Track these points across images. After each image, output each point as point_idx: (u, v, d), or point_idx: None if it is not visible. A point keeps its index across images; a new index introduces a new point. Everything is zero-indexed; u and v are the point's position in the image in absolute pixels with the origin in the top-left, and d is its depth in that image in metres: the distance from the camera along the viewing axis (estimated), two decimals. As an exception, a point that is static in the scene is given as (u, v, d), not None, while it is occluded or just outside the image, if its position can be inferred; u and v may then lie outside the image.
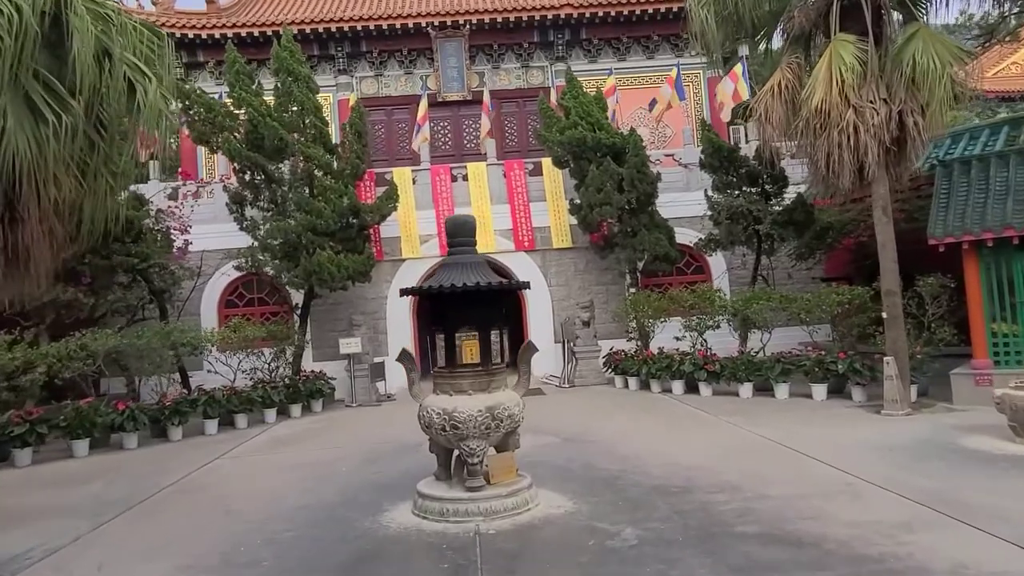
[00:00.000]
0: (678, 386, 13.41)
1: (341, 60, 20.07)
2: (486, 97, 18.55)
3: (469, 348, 6.44)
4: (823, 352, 12.08)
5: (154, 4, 19.24)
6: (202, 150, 18.87)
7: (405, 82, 20.56)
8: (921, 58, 9.88)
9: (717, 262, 17.50)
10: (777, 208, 13.88)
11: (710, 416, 10.91)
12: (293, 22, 18.42)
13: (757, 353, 12.88)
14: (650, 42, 20.61)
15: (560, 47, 20.35)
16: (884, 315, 10.66)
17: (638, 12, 19.56)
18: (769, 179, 14.01)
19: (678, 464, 7.83)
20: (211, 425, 12.58)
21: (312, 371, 15.32)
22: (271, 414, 13.53)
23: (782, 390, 12.19)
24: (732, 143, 16.61)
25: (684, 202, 17.27)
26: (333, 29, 18.99)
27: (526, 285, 6.75)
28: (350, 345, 15.32)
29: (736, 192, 14.08)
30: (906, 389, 10.35)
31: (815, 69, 10.65)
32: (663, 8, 19.43)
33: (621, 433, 9.94)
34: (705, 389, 13.03)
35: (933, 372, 11.33)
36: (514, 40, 20.29)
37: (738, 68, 18.13)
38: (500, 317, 6.71)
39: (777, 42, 13.29)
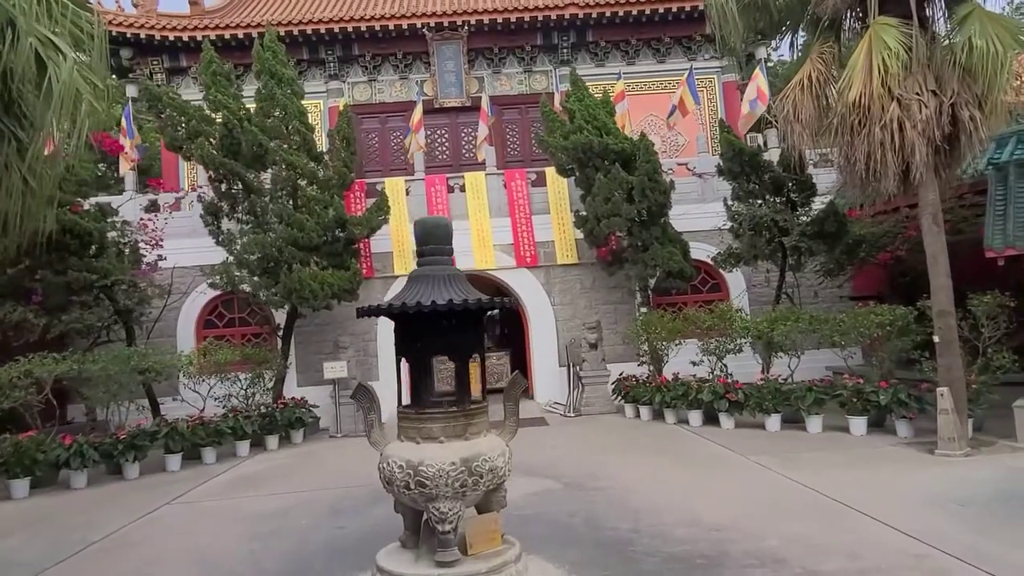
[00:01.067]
0: (695, 417, 12.00)
1: (332, 65, 18.91)
2: (484, 102, 17.33)
3: (441, 381, 5.09)
4: (861, 380, 10.65)
5: (135, 6, 18.19)
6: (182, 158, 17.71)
7: (400, 88, 19.37)
8: (979, 41, 8.54)
9: (736, 279, 16.12)
10: (805, 218, 12.48)
11: (736, 455, 9.48)
12: (280, 23, 17.29)
13: (785, 380, 11.47)
14: (661, 45, 19.37)
15: (565, 50, 19.14)
16: (935, 339, 9.23)
17: (648, 12, 18.33)
18: (796, 186, 12.64)
19: (704, 523, 6.42)
20: (173, 460, 11.24)
21: (294, 398, 13.98)
22: (243, 447, 12.18)
23: (815, 423, 10.76)
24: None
25: (699, 214, 15.95)
26: (323, 31, 17.84)
27: (508, 304, 5.38)
28: (335, 369, 14.02)
29: (759, 201, 12.71)
30: (963, 425, 8.92)
31: (852, 58, 9.33)
32: (674, 8, 18.21)
33: (634, 477, 8.52)
34: (726, 421, 11.61)
35: (990, 404, 9.85)
36: (516, 43, 19.08)
37: (757, 72, 16.92)
38: (480, 342, 5.36)
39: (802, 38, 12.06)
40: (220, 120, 13.31)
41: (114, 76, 17.79)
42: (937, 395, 8.87)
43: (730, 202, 13.34)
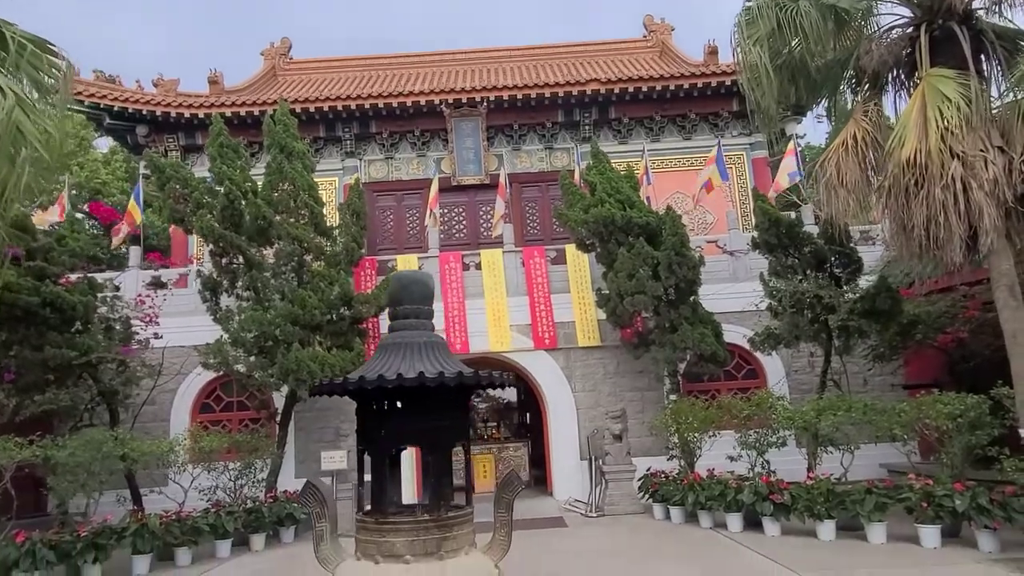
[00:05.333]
0: (735, 521, 10.46)
1: (349, 142, 18.54)
2: (503, 177, 16.66)
3: (408, 481, 3.93)
4: (930, 481, 9.14)
5: (155, 86, 18.17)
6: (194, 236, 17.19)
7: (417, 165, 18.88)
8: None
9: (774, 365, 14.74)
10: (852, 295, 11.22)
11: (786, 571, 7.95)
12: (296, 100, 17.04)
13: (838, 480, 9.97)
14: (686, 121, 18.74)
15: (587, 127, 18.58)
16: (1023, 432, 7.81)
17: (672, 88, 17.78)
18: (839, 260, 11.47)
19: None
20: (141, 563, 9.94)
21: (286, 491, 12.68)
22: (224, 547, 10.86)
23: (877, 532, 9.19)
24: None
25: (731, 294, 14.79)
26: (340, 108, 17.53)
27: (503, 381, 4.22)
28: (334, 459, 12.80)
29: (799, 277, 11.52)
30: (1067, 539, 7.37)
31: (904, 112, 8.41)
32: (700, 84, 17.64)
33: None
34: (771, 526, 10.05)
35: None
36: (536, 120, 18.59)
37: (791, 146, 16.20)
38: (463, 429, 4.21)
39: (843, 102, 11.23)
40: (223, 191, 12.69)
41: (128, 153, 17.58)
42: (1030, 502, 7.39)
43: (767, 277, 12.15)
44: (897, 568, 7.91)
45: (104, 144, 27.84)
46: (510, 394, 19.93)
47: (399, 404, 3.94)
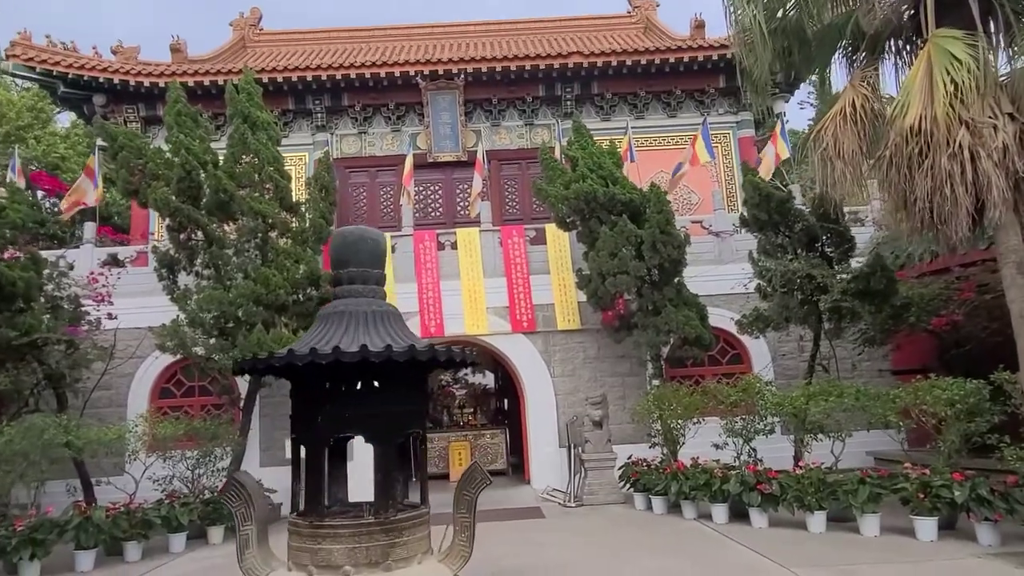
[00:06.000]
0: (720, 512, 9.95)
1: (320, 115, 17.68)
2: (480, 153, 15.94)
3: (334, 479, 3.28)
4: (927, 471, 8.66)
5: (114, 53, 17.17)
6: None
7: (392, 141, 18.07)
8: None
9: (760, 349, 14.25)
10: (845, 276, 10.69)
11: (776, 567, 7.42)
12: (263, 70, 16.16)
13: (829, 469, 9.48)
14: (671, 98, 18.09)
15: (568, 102, 17.87)
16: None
17: (657, 62, 17.12)
18: (832, 239, 10.93)
19: None
20: (85, 558, 9.22)
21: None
22: (178, 541, 10.18)
23: (870, 524, 8.70)
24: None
25: (716, 276, 14.26)
26: (310, 78, 16.67)
27: (464, 358, 3.56)
28: (297, 447, 12.08)
29: (790, 256, 10.95)
30: (1074, 533, 6.91)
31: (908, 77, 7.84)
32: (686, 58, 16.99)
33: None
34: (758, 518, 9.54)
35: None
36: (516, 94, 17.85)
37: (778, 128, 15.67)
38: (420, 415, 3.56)
39: (837, 74, 10.66)
40: (179, 162, 11.87)
41: (87, 126, 16.63)
42: (1036, 493, 6.91)
43: (755, 255, 11.58)
44: (895, 563, 7.41)
45: (67, 119, 26.71)
46: (488, 379, 19.35)
47: (341, 385, 3.29)
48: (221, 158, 12.90)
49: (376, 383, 3.33)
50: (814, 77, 9.79)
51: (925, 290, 11.28)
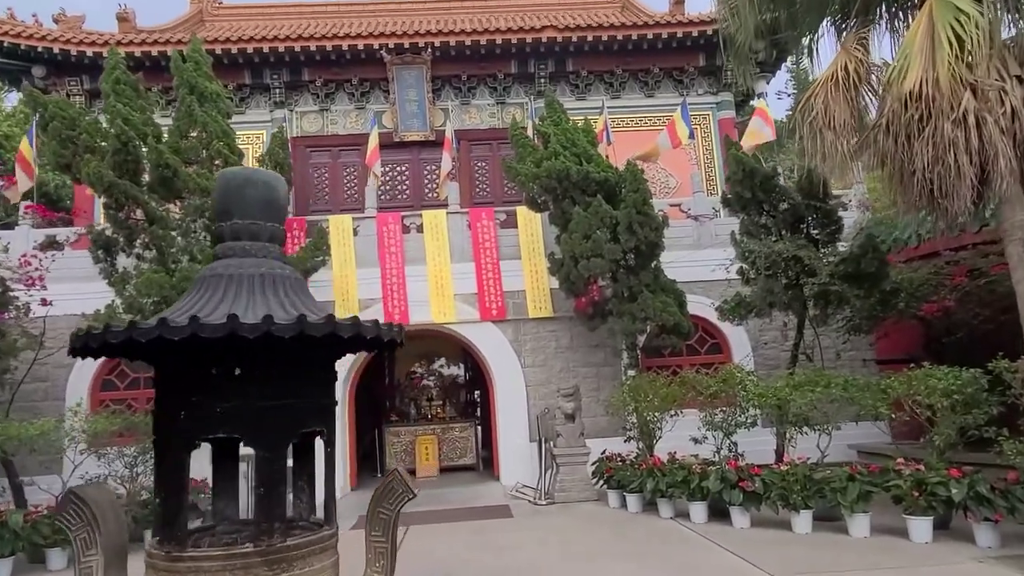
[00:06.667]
0: (699, 510, 9.27)
1: (278, 91, 16.68)
2: (449, 132, 15.09)
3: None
4: (920, 467, 8.04)
5: (56, 22, 16.03)
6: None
7: (355, 119, 17.12)
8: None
9: (739, 338, 13.63)
10: (831, 259, 10.03)
11: (761, 574, 6.75)
12: (216, 40, 15.14)
13: (814, 465, 8.83)
14: (649, 77, 17.34)
15: (542, 80, 17.05)
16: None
17: (635, 39, 16.35)
18: (818, 220, 10.26)
19: None
20: (2, 567, 8.35)
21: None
22: (110, 546, 9.26)
23: (860, 524, 8.06)
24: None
25: (694, 262, 13.58)
26: (267, 50, 15.66)
27: (378, 332, 2.76)
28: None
29: (774, 238, 10.26)
30: (1086, 536, 6.29)
31: (907, 37, 7.15)
32: (664, 35, 16.26)
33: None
34: (740, 517, 8.88)
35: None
36: (487, 71, 16.98)
37: (762, 103, 15.03)
38: (323, 411, 2.76)
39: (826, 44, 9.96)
40: (114, 132, 10.89)
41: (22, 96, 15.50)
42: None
43: (739, 236, 10.87)
44: (888, 568, 6.77)
45: (16, 97, 25.29)
46: (457, 370, 18.54)
47: (211, 371, 2.49)
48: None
49: (262, 368, 2.54)
50: (804, 43, 9.03)
51: (914, 275, 10.69)
